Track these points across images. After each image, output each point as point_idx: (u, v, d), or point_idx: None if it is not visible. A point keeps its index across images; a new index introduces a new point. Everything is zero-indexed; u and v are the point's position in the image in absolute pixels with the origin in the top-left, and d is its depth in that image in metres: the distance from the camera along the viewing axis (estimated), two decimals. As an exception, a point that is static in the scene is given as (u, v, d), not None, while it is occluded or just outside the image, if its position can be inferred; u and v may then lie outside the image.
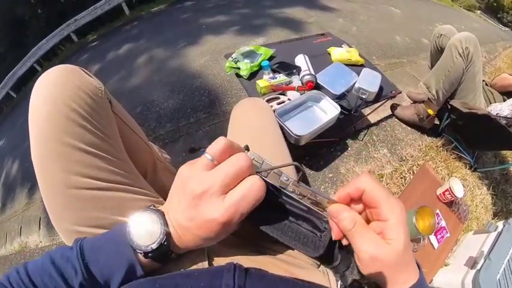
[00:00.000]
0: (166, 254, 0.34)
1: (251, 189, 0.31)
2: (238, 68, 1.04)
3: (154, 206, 0.37)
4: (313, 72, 1.01)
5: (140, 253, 0.33)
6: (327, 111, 0.92)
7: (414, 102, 1.75)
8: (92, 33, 8.46)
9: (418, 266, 0.33)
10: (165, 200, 0.54)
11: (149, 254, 0.32)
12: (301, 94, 0.95)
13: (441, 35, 1.43)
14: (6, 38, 11.45)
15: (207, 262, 0.39)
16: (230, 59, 1.08)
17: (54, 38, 8.97)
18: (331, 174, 1.15)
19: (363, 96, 1.06)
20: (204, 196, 0.30)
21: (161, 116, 1.77)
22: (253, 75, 1.07)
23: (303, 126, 0.82)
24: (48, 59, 9.46)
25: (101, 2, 8.53)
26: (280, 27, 2.92)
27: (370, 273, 0.31)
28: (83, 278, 0.33)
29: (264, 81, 0.95)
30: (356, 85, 1.07)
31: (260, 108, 0.67)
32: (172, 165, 0.76)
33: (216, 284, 0.31)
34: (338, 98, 1.02)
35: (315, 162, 1.19)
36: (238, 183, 0.31)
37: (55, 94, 0.42)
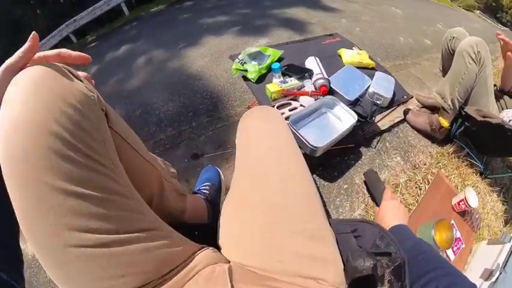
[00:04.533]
0: None
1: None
2: (246, 71, 0.97)
3: None
4: (326, 76, 0.94)
5: None
6: (342, 118, 0.85)
7: (424, 106, 1.70)
8: (91, 34, 8.42)
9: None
10: (173, 226, 0.47)
11: None
12: (315, 100, 0.88)
13: (453, 37, 1.38)
14: (4, 38, 11.36)
15: None
16: (236, 60, 1.01)
17: (53, 39, 8.93)
18: (346, 186, 1.09)
19: (378, 102, 1.00)
20: None
21: (161, 120, 1.69)
22: (261, 78, 1.00)
23: (319, 136, 0.76)
24: (47, 60, 9.41)
25: (101, 2, 8.48)
26: (283, 27, 2.86)
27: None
28: None
29: (275, 85, 0.88)
30: (370, 90, 1.01)
31: (273, 121, 0.58)
32: (177, 180, 0.69)
33: None
34: (352, 104, 0.96)
35: (329, 172, 1.13)
36: None
37: (29, 112, 0.30)
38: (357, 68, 1.16)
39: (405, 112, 1.52)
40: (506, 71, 1.31)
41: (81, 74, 0.41)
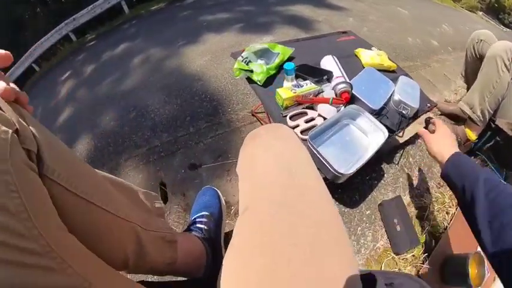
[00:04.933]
0: None
1: None
2: (251, 71, 0.81)
3: None
4: (348, 80, 0.79)
5: None
6: (368, 132, 0.69)
7: (443, 114, 1.55)
8: (91, 33, 8.33)
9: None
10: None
11: None
12: (337, 110, 0.71)
13: (481, 40, 1.25)
14: (4, 37, 11.31)
15: None
16: (240, 58, 0.85)
17: (53, 38, 8.92)
18: (368, 211, 0.93)
19: (404, 112, 0.84)
20: None
21: (156, 124, 1.55)
22: (270, 80, 0.84)
23: (344, 158, 0.60)
24: (47, 59, 9.37)
25: (101, 0, 8.43)
26: (288, 25, 2.73)
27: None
28: None
29: (287, 90, 0.72)
30: (396, 97, 0.85)
31: (288, 146, 0.42)
32: (166, 219, 0.53)
33: None
34: (376, 114, 0.80)
35: (349, 196, 0.97)
36: None
37: None
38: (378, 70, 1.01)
39: (427, 122, 1.37)
40: None
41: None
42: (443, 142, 0.68)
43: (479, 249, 1.07)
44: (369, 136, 0.70)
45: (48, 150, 0.30)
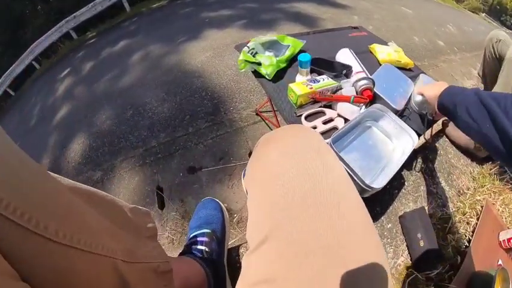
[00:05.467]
0: None
1: None
2: (259, 64, 0.71)
3: None
4: (370, 75, 0.69)
5: None
6: (392, 136, 0.60)
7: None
8: (92, 30, 8.29)
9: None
10: None
11: None
12: (359, 109, 0.61)
13: (499, 40, 1.22)
14: (4, 34, 11.27)
15: None
16: (245, 49, 0.75)
17: (53, 35, 8.92)
18: (390, 225, 0.83)
19: (425, 112, 0.75)
20: None
21: (154, 123, 1.46)
22: (279, 74, 0.74)
23: (367, 166, 0.51)
24: (47, 57, 9.35)
25: (101, -2, 8.36)
26: (292, 22, 2.65)
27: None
28: None
29: (302, 85, 0.61)
30: (417, 98, 0.76)
31: (318, 154, 0.32)
32: (163, 226, 0.44)
33: None
34: (400, 115, 0.70)
35: (371, 207, 0.87)
36: None
37: None
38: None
39: (445, 124, 1.28)
40: None
41: None
42: (438, 86, 0.68)
43: (501, 263, 1.01)
44: (394, 140, 0.61)
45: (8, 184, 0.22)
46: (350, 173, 0.47)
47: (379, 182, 0.49)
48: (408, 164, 1.00)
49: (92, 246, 0.28)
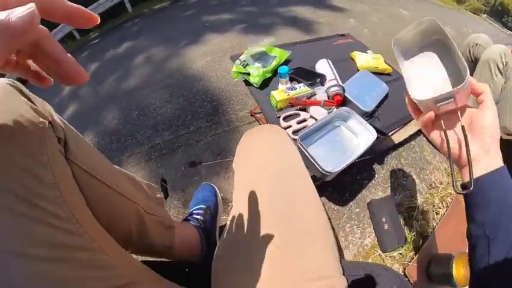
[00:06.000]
0: None
1: None
2: (248, 74, 0.85)
3: None
4: (341, 83, 0.83)
5: None
6: (358, 134, 0.73)
7: None
8: (94, 31, 8.37)
9: None
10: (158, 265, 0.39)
11: None
12: (328, 112, 0.76)
13: (476, 44, 1.27)
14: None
15: None
16: (238, 62, 0.89)
17: (56, 35, 8.90)
18: (358, 209, 0.97)
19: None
20: None
21: (158, 123, 1.60)
22: (266, 82, 0.88)
23: (332, 157, 0.64)
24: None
25: (103, -2, 8.43)
26: (289, 26, 2.76)
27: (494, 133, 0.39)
28: None
29: (281, 92, 0.76)
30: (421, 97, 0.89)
31: (279, 141, 0.48)
32: (165, 208, 0.59)
33: None
34: (369, 116, 0.84)
35: (340, 194, 1.01)
36: None
37: None
38: (373, 73, 1.04)
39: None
40: None
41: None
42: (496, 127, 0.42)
43: (466, 250, 1.08)
44: (359, 137, 0.74)
45: (71, 138, 0.36)
46: (312, 161, 0.61)
47: (335, 168, 0.62)
48: (381, 160, 1.13)
49: (125, 193, 0.44)
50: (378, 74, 1.10)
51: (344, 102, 0.81)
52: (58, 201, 0.29)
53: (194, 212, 0.71)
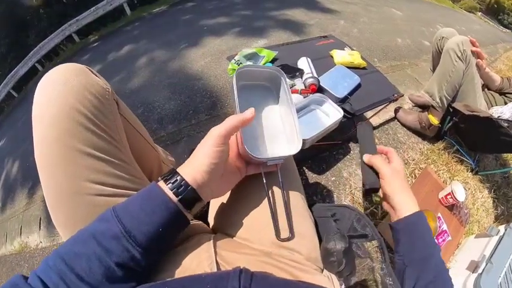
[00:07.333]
0: (195, 198, 0.40)
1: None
2: (241, 70, 1.04)
3: None
4: (316, 75, 1.01)
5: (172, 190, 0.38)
6: (330, 114, 0.91)
7: (416, 105, 1.76)
8: (94, 34, 8.49)
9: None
10: None
11: (179, 194, 0.38)
12: (304, 97, 0.94)
13: (442, 37, 1.42)
14: (7, 37, 11.49)
15: (215, 267, 0.40)
16: (233, 61, 1.08)
17: (56, 38, 9.02)
18: (333, 178, 1.15)
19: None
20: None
21: (162, 118, 1.77)
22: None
23: (307, 130, 0.82)
24: (50, 59, 9.54)
25: (103, 2, 8.57)
26: (282, 29, 2.93)
27: (392, 186, 0.57)
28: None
29: None
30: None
31: None
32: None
33: (222, 286, 0.32)
34: (341, 101, 1.02)
35: (317, 165, 1.18)
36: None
37: (62, 94, 0.40)
38: (349, 68, 1.22)
39: (396, 110, 1.58)
40: (483, 78, 1.35)
41: None
42: (404, 187, 0.57)
43: (441, 217, 1.19)
44: (331, 117, 0.91)
45: (120, 102, 0.53)
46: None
47: (309, 134, 0.80)
48: (356, 139, 1.30)
49: (150, 141, 0.63)
50: (353, 68, 1.27)
51: (319, 91, 0.99)
52: (115, 132, 0.46)
53: None
